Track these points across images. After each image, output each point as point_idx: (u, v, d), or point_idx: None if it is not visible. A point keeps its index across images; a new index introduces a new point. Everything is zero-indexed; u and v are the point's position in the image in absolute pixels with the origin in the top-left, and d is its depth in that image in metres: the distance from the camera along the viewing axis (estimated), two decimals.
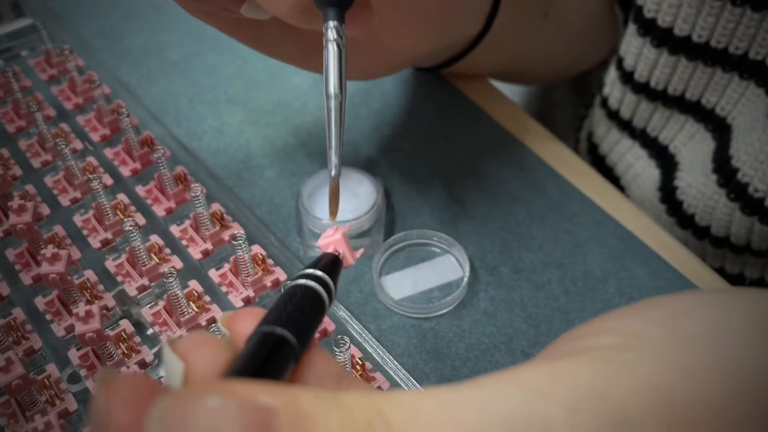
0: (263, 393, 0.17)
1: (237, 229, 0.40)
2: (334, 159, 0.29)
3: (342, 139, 0.29)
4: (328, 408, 0.17)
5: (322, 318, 0.23)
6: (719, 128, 0.46)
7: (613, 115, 0.52)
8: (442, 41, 0.43)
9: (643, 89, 0.48)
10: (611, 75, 0.51)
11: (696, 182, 0.46)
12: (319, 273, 0.24)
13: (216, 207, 0.41)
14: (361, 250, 0.28)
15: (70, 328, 0.37)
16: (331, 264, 0.25)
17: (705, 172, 0.45)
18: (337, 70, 0.29)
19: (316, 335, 0.35)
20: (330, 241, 0.27)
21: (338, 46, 0.29)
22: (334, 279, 0.25)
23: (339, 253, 0.27)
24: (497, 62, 0.51)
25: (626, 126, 0.51)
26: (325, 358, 0.22)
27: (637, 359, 0.18)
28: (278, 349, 0.21)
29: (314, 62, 0.39)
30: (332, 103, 0.29)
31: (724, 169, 0.44)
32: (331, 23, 0.29)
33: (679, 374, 0.18)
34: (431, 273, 0.42)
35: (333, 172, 0.29)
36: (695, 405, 0.18)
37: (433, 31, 0.40)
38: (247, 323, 0.21)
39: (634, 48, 0.47)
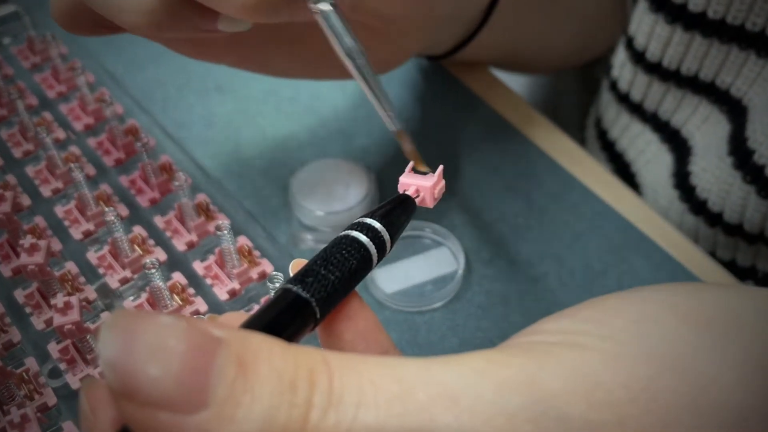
0: (217, 327, 0.18)
1: (223, 220, 0.41)
2: (386, 115, 0.29)
3: (384, 92, 0.29)
4: (274, 349, 0.18)
5: (363, 275, 0.24)
6: (734, 109, 0.46)
7: (623, 98, 0.52)
8: (444, 6, 0.42)
9: (655, 69, 0.48)
10: (620, 56, 0.51)
11: (710, 166, 0.46)
12: (369, 221, 0.24)
13: (202, 197, 0.42)
14: (442, 185, 0.28)
15: (49, 321, 0.37)
16: (393, 209, 0.25)
17: (719, 155, 0.46)
18: (343, 27, 0.29)
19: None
20: (411, 181, 0.27)
21: (331, 2, 0.29)
22: (395, 226, 0.25)
23: (412, 193, 0.27)
24: (502, 48, 0.51)
25: (637, 109, 0.52)
26: (372, 326, 0.24)
27: (566, 352, 0.20)
28: (291, 307, 0.21)
29: (308, 69, 0.40)
30: (352, 63, 0.29)
31: (739, 150, 0.44)
32: None
33: (604, 362, 0.20)
34: (425, 266, 0.43)
35: (393, 127, 0.28)
36: (620, 388, 0.19)
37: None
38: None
39: (645, 26, 0.47)
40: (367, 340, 0.24)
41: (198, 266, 0.39)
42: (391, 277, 0.42)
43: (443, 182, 0.28)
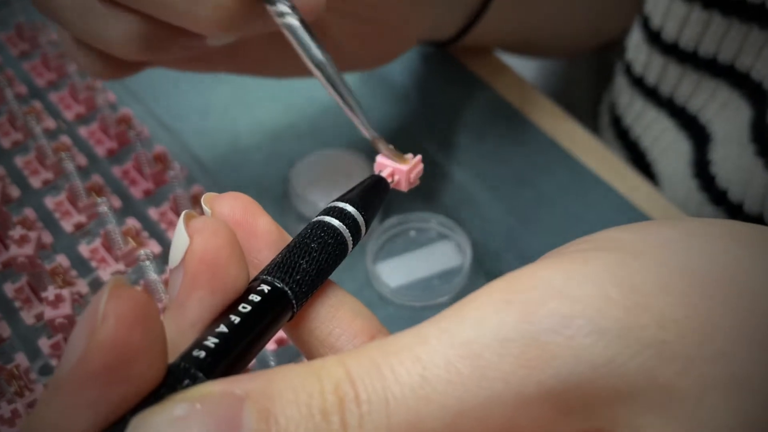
0: (238, 385, 0.18)
1: None
2: (360, 123, 0.30)
3: (356, 100, 0.30)
4: (296, 382, 0.18)
5: (337, 261, 0.24)
6: (755, 94, 0.46)
7: (637, 82, 0.52)
8: None
9: (671, 51, 0.48)
10: (635, 37, 0.51)
11: (731, 154, 0.46)
12: (342, 206, 0.25)
13: (197, 189, 0.42)
14: (419, 170, 0.29)
15: (40, 316, 0.38)
16: (368, 190, 0.26)
17: (741, 142, 0.46)
18: (308, 36, 0.30)
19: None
20: (388, 163, 0.28)
21: (296, 17, 0.30)
22: (368, 207, 0.25)
23: (389, 177, 0.28)
24: (510, 31, 0.51)
25: (652, 94, 0.52)
26: (352, 314, 0.24)
27: (601, 254, 0.20)
28: (267, 298, 0.22)
29: (304, 70, 0.41)
30: (321, 73, 0.30)
31: (762, 136, 0.44)
32: None
33: (644, 265, 0.19)
34: (430, 259, 0.43)
35: (368, 134, 0.30)
36: (659, 291, 0.19)
37: None
38: (228, 205, 0.24)
39: (662, 4, 0.47)
40: (350, 326, 0.24)
41: None
42: (396, 271, 0.43)
43: (421, 166, 0.29)
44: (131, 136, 0.42)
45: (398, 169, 0.28)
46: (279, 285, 0.22)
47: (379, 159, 0.29)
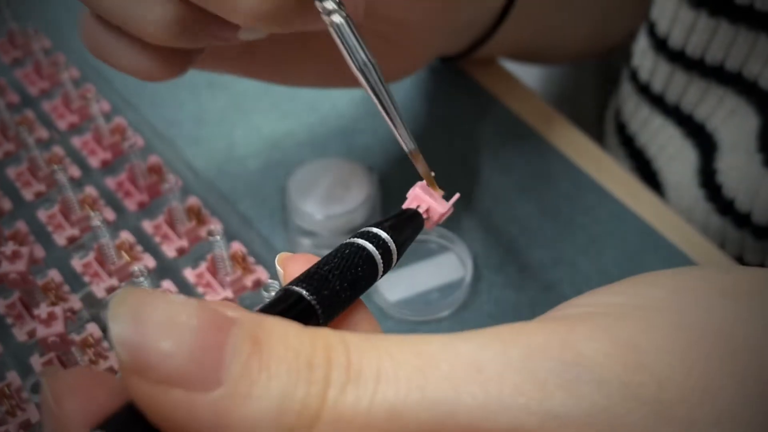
0: (229, 308, 0.19)
1: (215, 224, 0.41)
2: (400, 134, 0.29)
3: (398, 108, 0.30)
4: (289, 329, 0.19)
5: (367, 285, 0.25)
6: (763, 102, 0.46)
7: (643, 89, 0.52)
8: (461, 11, 0.43)
9: (678, 57, 0.48)
10: (641, 43, 0.51)
11: (738, 163, 0.46)
12: (377, 231, 0.25)
13: (193, 200, 0.42)
14: (449, 211, 0.29)
15: (32, 333, 0.38)
16: (403, 222, 0.27)
17: (748, 151, 0.46)
18: (355, 38, 0.29)
19: None
20: (424, 198, 0.28)
21: (344, 15, 0.29)
22: (402, 240, 0.26)
23: (423, 211, 0.28)
24: (522, 40, 0.51)
25: (658, 101, 0.52)
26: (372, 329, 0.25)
27: (600, 319, 0.21)
28: (293, 308, 0.22)
29: (319, 79, 0.42)
30: (371, 74, 0.29)
31: None
32: None
33: (641, 328, 0.20)
34: (430, 272, 0.43)
35: (407, 147, 0.29)
36: (658, 352, 0.19)
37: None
38: (300, 267, 0.24)
39: (668, 10, 0.47)
40: None
41: (189, 274, 0.40)
42: (395, 285, 0.43)
43: (452, 209, 0.29)
44: (125, 147, 0.42)
45: (433, 208, 0.29)
46: (309, 299, 0.22)
47: (418, 190, 0.29)
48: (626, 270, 0.43)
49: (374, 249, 0.25)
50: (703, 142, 0.50)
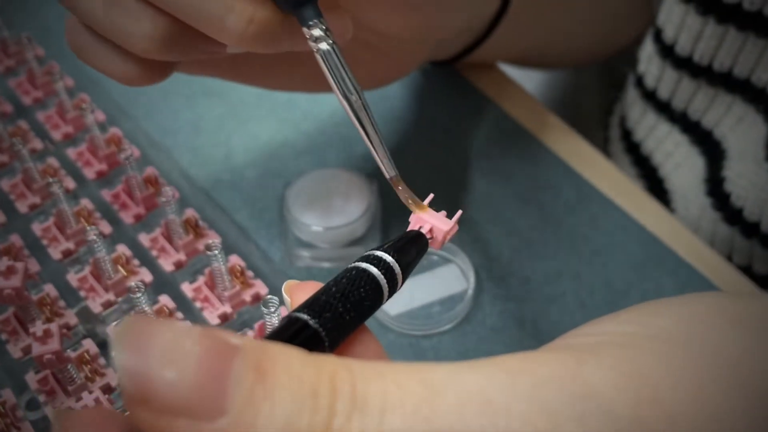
0: (233, 335, 0.19)
1: (213, 238, 0.41)
2: (381, 160, 0.30)
3: (380, 135, 0.30)
4: (293, 357, 0.19)
5: (372, 309, 0.25)
6: None
7: (650, 96, 0.52)
8: (449, 24, 0.43)
9: (684, 64, 0.48)
10: (647, 49, 0.51)
11: (746, 171, 0.46)
12: (381, 254, 0.25)
13: (190, 213, 0.42)
14: (454, 229, 0.29)
15: (27, 349, 0.38)
16: (407, 244, 0.27)
17: (756, 160, 0.46)
18: (341, 68, 0.30)
19: None
20: (424, 219, 0.29)
21: (330, 43, 0.30)
22: (406, 262, 0.26)
23: (425, 231, 0.28)
24: (518, 46, 0.51)
25: (664, 108, 0.52)
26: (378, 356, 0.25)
27: (610, 349, 0.21)
28: (298, 335, 0.22)
29: (308, 85, 0.42)
30: (354, 104, 0.30)
31: None
32: (311, 22, 0.30)
33: (652, 360, 0.20)
34: (431, 285, 0.43)
35: (387, 173, 0.30)
36: (670, 386, 0.20)
37: (433, 13, 0.41)
38: (307, 295, 0.24)
39: (675, 17, 0.47)
40: None
41: (187, 288, 0.40)
42: (395, 298, 0.42)
43: (456, 227, 0.30)
44: (121, 158, 0.42)
45: (437, 227, 0.29)
46: (314, 326, 0.23)
47: (419, 214, 0.29)
48: (631, 282, 0.43)
49: (378, 272, 0.25)
50: (711, 149, 0.50)
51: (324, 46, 0.30)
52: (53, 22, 0.57)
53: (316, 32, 0.30)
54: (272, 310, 0.35)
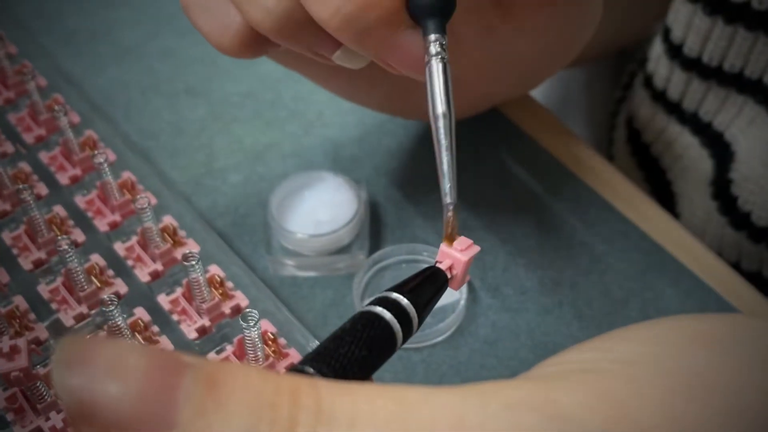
0: (187, 356, 0.19)
1: (191, 247, 0.40)
2: (446, 185, 0.30)
3: (455, 162, 0.31)
4: (251, 371, 0.19)
5: (383, 359, 0.25)
6: None
7: (659, 96, 0.52)
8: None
9: (694, 65, 0.48)
10: (657, 49, 0.50)
11: (753, 174, 0.46)
12: (397, 297, 0.25)
13: (168, 220, 0.41)
14: (471, 258, 0.29)
15: None
16: (425, 283, 0.27)
17: (765, 163, 0.45)
18: (444, 86, 0.30)
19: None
20: (450, 254, 0.29)
21: (443, 60, 0.30)
22: (424, 303, 0.26)
23: (446, 268, 0.28)
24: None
25: (674, 109, 0.51)
26: None
27: (579, 375, 0.22)
28: None
29: (400, 105, 0.43)
30: (440, 123, 0.30)
31: None
32: (433, 36, 0.30)
33: (619, 381, 0.21)
34: None
35: (447, 200, 0.30)
36: (638, 404, 0.20)
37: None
38: None
39: (683, 16, 0.47)
40: None
41: (163, 300, 0.39)
42: None
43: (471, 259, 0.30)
44: (96, 163, 0.41)
45: (457, 260, 0.29)
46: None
47: (443, 246, 0.29)
48: (631, 291, 0.42)
49: (392, 318, 0.24)
50: (721, 151, 0.49)
51: (438, 63, 0.30)
52: (28, 16, 0.56)
53: (434, 48, 0.30)
54: (251, 324, 0.34)
